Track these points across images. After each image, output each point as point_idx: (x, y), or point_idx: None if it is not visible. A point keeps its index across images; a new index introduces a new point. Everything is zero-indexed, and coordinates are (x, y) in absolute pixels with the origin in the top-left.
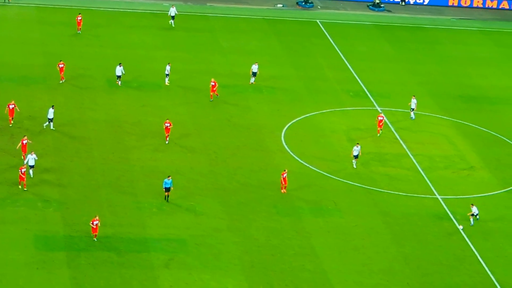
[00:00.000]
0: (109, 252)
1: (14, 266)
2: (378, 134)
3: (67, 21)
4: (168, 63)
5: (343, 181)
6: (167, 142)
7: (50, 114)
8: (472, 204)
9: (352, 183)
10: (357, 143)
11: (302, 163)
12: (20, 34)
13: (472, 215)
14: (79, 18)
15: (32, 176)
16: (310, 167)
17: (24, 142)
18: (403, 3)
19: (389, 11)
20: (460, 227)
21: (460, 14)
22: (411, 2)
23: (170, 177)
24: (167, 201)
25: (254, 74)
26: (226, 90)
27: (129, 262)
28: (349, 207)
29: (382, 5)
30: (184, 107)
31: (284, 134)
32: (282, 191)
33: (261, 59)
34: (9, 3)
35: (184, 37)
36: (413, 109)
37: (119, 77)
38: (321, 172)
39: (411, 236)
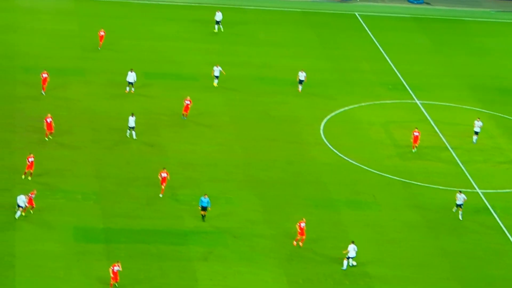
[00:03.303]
0: (147, 244)
1: (53, 258)
2: (414, 150)
3: (104, 13)
4: (217, 65)
5: (381, 174)
6: (161, 196)
7: (131, 122)
8: (352, 242)
9: (390, 176)
10: (460, 191)
11: (340, 155)
12: (57, 26)
13: (348, 258)
14: (102, 33)
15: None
16: (348, 160)
17: (30, 160)
18: None
19: (428, 3)
20: (344, 266)
21: (499, 6)
22: None
23: (206, 196)
24: (204, 221)
25: (301, 82)
26: (263, 83)
27: (167, 255)
28: (386, 200)
29: None
30: (221, 99)
31: (323, 127)
32: (295, 242)
33: (298, 51)
34: None
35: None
36: (477, 133)
37: (130, 83)
38: (359, 165)
39: (449, 230)
